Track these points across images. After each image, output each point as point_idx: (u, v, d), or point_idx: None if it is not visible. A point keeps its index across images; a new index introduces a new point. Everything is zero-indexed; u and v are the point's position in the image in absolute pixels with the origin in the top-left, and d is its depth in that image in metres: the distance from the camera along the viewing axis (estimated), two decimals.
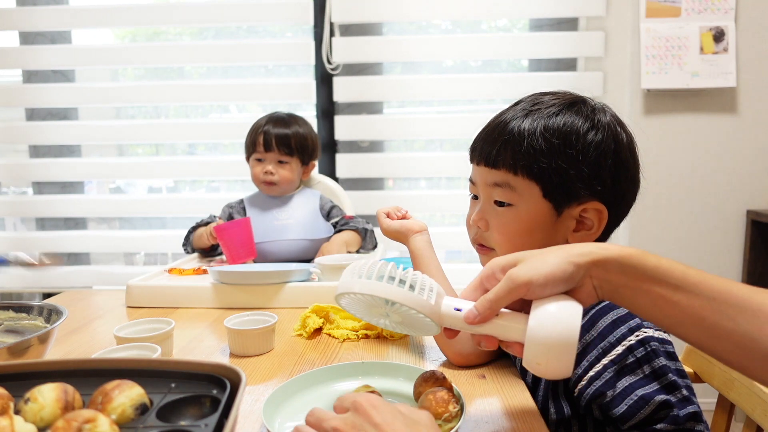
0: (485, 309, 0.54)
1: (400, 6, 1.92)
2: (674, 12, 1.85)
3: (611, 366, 0.62)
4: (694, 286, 0.50)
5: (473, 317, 0.55)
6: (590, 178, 0.69)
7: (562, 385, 0.69)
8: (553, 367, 0.51)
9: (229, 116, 2.33)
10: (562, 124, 0.70)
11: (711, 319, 0.49)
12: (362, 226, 1.53)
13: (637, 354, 0.61)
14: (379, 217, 0.99)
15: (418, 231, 0.93)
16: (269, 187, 1.52)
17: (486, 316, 0.54)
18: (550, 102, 0.73)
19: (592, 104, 0.73)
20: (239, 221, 1.39)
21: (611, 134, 0.70)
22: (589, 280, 0.53)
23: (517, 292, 0.52)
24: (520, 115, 0.72)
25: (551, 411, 0.70)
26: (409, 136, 2.06)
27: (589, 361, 0.64)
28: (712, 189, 1.92)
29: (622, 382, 0.61)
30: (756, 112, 1.89)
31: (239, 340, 0.85)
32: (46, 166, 2.13)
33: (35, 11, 2.03)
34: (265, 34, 2.17)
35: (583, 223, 0.71)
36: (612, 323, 0.64)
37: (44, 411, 0.49)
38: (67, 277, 2.14)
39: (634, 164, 0.73)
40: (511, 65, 2.12)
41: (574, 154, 0.68)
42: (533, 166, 0.69)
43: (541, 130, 0.69)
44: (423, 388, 0.63)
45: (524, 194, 0.71)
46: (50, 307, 0.85)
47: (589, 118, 0.70)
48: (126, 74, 2.29)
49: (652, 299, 0.51)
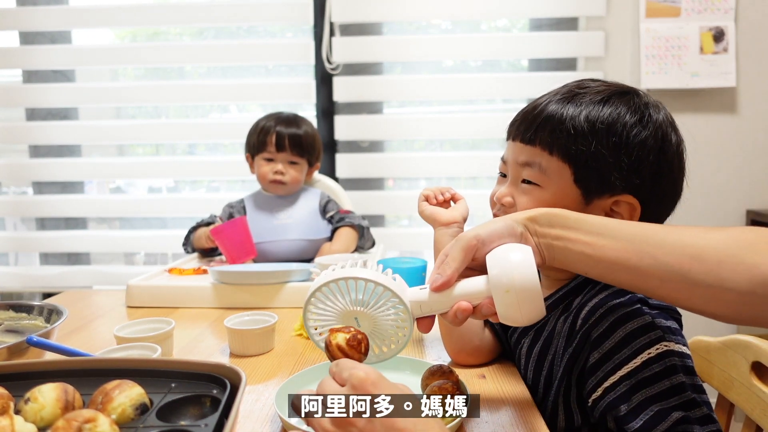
0: (445, 270, 0.58)
1: (400, 6, 1.92)
2: (674, 12, 1.85)
3: (627, 379, 0.60)
4: (613, 230, 0.55)
5: (438, 283, 0.58)
6: (629, 170, 0.66)
7: (575, 394, 0.67)
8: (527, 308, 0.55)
9: (229, 116, 2.33)
10: (609, 111, 0.68)
11: (634, 260, 0.53)
12: (358, 222, 1.52)
13: (656, 368, 0.59)
14: (419, 199, 0.92)
15: (444, 223, 0.87)
16: (278, 186, 1.52)
17: (449, 276, 0.58)
18: (598, 88, 0.71)
19: (645, 99, 0.71)
20: (235, 221, 1.38)
21: (660, 132, 0.68)
22: (531, 238, 0.58)
23: (469, 248, 0.57)
24: (565, 97, 0.70)
25: (560, 418, 0.68)
26: (409, 136, 2.06)
27: (605, 372, 0.62)
28: (712, 189, 1.92)
29: (638, 396, 0.59)
30: (756, 112, 1.89)
31: (239, 340, 0.86)
32: (46, 166, 2.13)
33: (35, 11, 2.03)
34: (265, 34, 2.17)
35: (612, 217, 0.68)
36: (631, 333, 0.62)
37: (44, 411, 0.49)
38: (67, 277, 2.13)
39: (679, 168, 0.70)
40: (511, 65, 2.12)
41: (616, 142, 0.66)
42: (571, 148, 0.67)
43: (586, 113, 0.68)
44: (430, 380, 0.64)
45: (554, 177, 0.69)
46: (50, 307, 0.86)
47: (639, 110, 0.68)
48: (126, 74, 2.29)
49: (580, 248, 0.55)
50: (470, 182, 2.20)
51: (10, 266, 2.29)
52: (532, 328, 0.76)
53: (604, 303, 0.66)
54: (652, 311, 0.63)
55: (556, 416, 0.69)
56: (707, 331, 0.91)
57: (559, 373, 0.69)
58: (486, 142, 2.10)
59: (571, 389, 0.67)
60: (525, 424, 0.63)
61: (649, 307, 0.64)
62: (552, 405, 0.69)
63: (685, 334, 0.65)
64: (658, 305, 0.65)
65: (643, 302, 0.65)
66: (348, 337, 0.57)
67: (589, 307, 0.67)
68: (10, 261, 2.32)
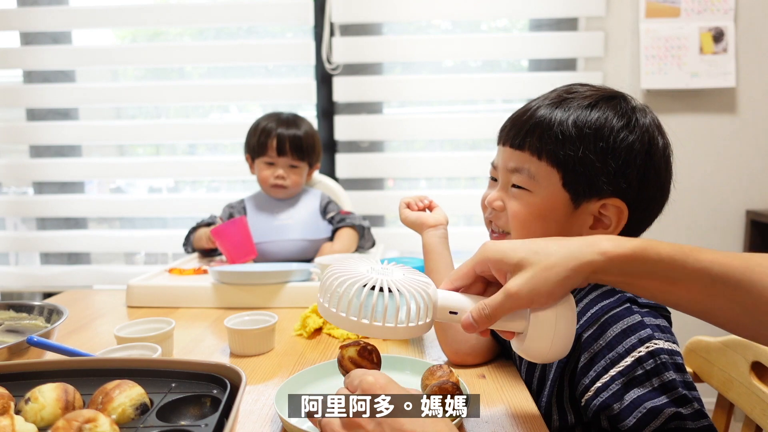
0: (483, 321, 0.55)
1: (400, 6, 1.92)
2: (674, 12, 1.85)
3: (619, 378, 0.61)
4: (693, 275, 0.51)
5: (469, 327, 0.55)
6: (616, 174, 0.67)
7: (568, 393, 0.68)
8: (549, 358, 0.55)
9: (230, 116, 2.33)
10: (597, 116, 0.68)
11: (705, 302, 0.51)
12: (359, 222, 1.52)
13: (647, 366, 0.60)
14: (400, 207, 0.98)
15: (432, 226, 0.92)
16: (279, 190, 1.51)
17: (483, 326, 0.55)
18: (586, 93, 0.71)
19: (632, 103, 0.72)
20: (235, 221, 1.38)
21: (647, 135, 0.69)
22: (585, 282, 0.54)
23: (518, 306, 0.53)
24: (554, 102, 0.71)
25: (554, 418, 0.69)
26: (409, 136, 2.06)
27: (596, 372, 0.63)
28: (712, 189, 1.92)
29: (630, 395, 0.60)
30: (756, 112, 1.89)
31: (239, 340, 0.86)
32: (46, 166, 2.13)
33: (36, 11, 2.03)
34: (265, 35, 2.17)
35: (600, 221, 0.70)
36: (622, 333, 0.63)
37: (45, 411, 0.49)
38: (68, 276, 2.14)
39: (666, 171, 0.71)
40: (511, 65, 2.12)
41: (603, 147, 0.67)
42: (559, 153, 0.68)
43: (574, 118, 0.68)
44: (430, 380, 0.64)
45: (543, 181, 0.69)
46: (50, 307, 0.86)
47: (626, 114, 0.69)
48: (126, 74, 2.30)
49: (648, 292, 0.53)
50: (470, 182, 2.20)
51: (11, 266, 2.29)
52: None
53: (594, 304, 0.67)
54: (642, 310, 0.65)
55: (550, 416, 0.69)
56: (707, 331, 0.91)
57: (551, 374, 0.70)
58: (486, 142, 2.10)
59: (563, 390, 0.68)
60: (525, 423, 0.63)
61: (638, 306, 0.65)
62: (546, 405, 0.70)
63: (684, 334, 0.66)
64: (647, 304, 0.66)
65: (632, 301, 0.66)
66: (359, 349, 0.58)
67: (579, 308, 0.68)
68: (10, 261, 2.32)
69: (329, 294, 0.56)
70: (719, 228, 1.94)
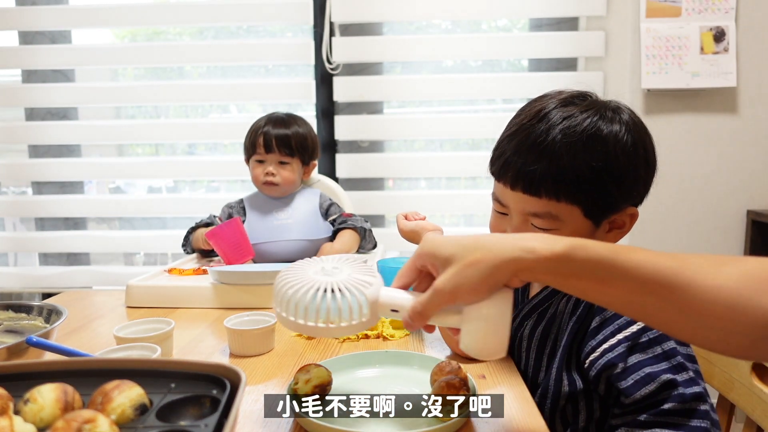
0: (416, 319, 0.56)
1: (400, 6, 1.92)
2: (674, 12, 1.85)
3: (625, 342, 0.66)
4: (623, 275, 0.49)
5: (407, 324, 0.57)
6: (630, 191, 0.72)
7: (575, 359, 0.72)
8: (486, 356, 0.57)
9: (229, 116, 2.33)
10: (604, 149, 0.69)
11: (639, 302, 0.50)
12: (360, 224, 1.52)
13: (651, 335, 0.65)
14: (398, 219, 1.06)
15: (431, 230, 0.97)
16: (270, 188, 1.51)
17: (418, 324, 0.57)
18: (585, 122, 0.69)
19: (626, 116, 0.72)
20: (228, 222, 1.36)
21: (642, 146, 0.72)
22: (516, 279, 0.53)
23: (445, 302, 0.54)
24: (553, 135, 0.69)
25: (564, 383, 0.72)
26: (409, 136, 2.06)
27: (604, 335, 0.67)
28: (712, 189, 1.92)
29: (632, 359, 0.64)
30: (756, 112, 1.89)
31: (239, 340, 0.85)
32: (45, 166, 2.13)
33: (35, 11, 2.03)
34: (265, 34, 2.17)
35: (614, 222, 0.74)
36: None
37: (44, 411, 0.48)
38: (67, 277, 2.13)
39: (655, 161, 0.76)
40: (511, 65, 2.12)
41: (616, 175, 0.70)
42: (578, 193, 0.70)
43: (587, 159, 0.68)
44: (438, 376, 0.65)
45: (566, 219, 0.71)
46: (50, 307, 0.85)
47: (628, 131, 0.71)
48: (126, 74, 2.29)
49: (581, 292, 0.53)
50: (470, 182, 2.20)
51: (10, 266, 2.29)
52: (535, 311, 0.81)
53: None
54: None
55: (560, 381, 0.72)
56: None
57: (563, 341, 0.74)
58: (486, 142, 2.10)
59: (572, 355, 0.72)
60: (525, 423, 0.63)
61: None
62: (557, 370, 0.74)
63: None
64: None
65: None
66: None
67: None
68: (9, 261, 2.32)
69: (279, 298, 0.61)
70: (720, 228, 1.94)
